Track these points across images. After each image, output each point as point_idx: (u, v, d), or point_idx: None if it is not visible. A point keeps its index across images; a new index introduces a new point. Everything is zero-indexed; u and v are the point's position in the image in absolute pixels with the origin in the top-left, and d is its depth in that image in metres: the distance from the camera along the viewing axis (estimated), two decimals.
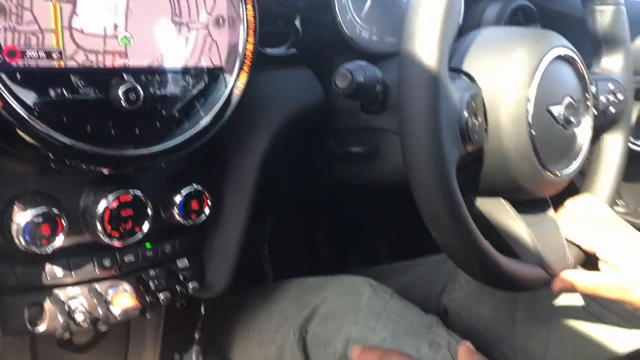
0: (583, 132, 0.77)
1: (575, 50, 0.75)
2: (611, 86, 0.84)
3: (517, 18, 1.15)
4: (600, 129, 0.87)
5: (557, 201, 0.82)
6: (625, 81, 0.87)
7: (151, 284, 0.71)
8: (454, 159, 0.61)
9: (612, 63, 0.88)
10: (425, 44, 0.58)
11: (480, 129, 0.66)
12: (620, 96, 0.85)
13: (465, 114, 0.63)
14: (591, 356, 0.78)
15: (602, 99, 0.83)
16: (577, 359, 0.78)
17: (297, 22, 0.83)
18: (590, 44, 0.88)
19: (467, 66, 0.70)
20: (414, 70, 0.58)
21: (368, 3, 0.84)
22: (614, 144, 0.89)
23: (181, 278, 0.74)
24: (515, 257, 0.70)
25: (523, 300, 0.86)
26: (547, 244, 0.73)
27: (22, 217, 0.58)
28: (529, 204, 0.76)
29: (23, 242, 0.58)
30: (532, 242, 0.71)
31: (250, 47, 0.67)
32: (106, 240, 0.63)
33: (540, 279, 0.71)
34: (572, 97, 0.73)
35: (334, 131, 0.85)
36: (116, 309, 0.67)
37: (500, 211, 0.73)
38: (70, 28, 0.55)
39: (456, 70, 0.70)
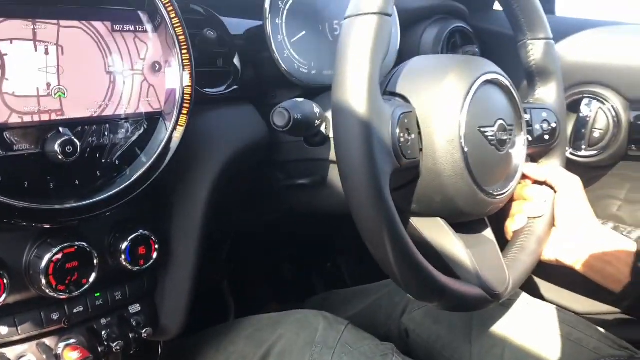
0: (518, 153, 0.79)
1: (506, 75, 0.78)
2: (545, 115, 0.89)
3: (455, 40, 1.19)
4: (537, 155, 0.91)
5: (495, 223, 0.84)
6: (559, 110, 0.91)
7: (103, 333, 0.70)
8: (387, 171, 0.63)
9: (545, 93, 0.91)
10: (356, 69, 0.60)
11: (413, 144, 0.68)
12: (553, 124, 0.89)
13: (397, 130, 0.65)
14: None
15: (537, 127, 0.87)
16: None
17: (237, 61, 0.84)
18: (524, 75, 0.92)
19: (401, 89, 0.73)
20: (346, 93, 0.60)
21: (304, 39, 0.86)
22: None
23: (134, 324, 0.73)
24: (455, 277, 0.71)
25: (477, 317, 0.88)
26: (486, 265, 0.74)
27: None
28: (467, 225, 0.78)
29: None
30: (471, 263, 0.72)
31: (188, 89, 0.68)
32: (52, 293, 0.62)
33: (481, 299, 0.72)
34: (504, 120, 0.75)
35: (279, 164, 0.86)
36: None
37: (438, 231, 0.74)
38: (1, 93, 0.55)
39: (391, 94, 0.73)
